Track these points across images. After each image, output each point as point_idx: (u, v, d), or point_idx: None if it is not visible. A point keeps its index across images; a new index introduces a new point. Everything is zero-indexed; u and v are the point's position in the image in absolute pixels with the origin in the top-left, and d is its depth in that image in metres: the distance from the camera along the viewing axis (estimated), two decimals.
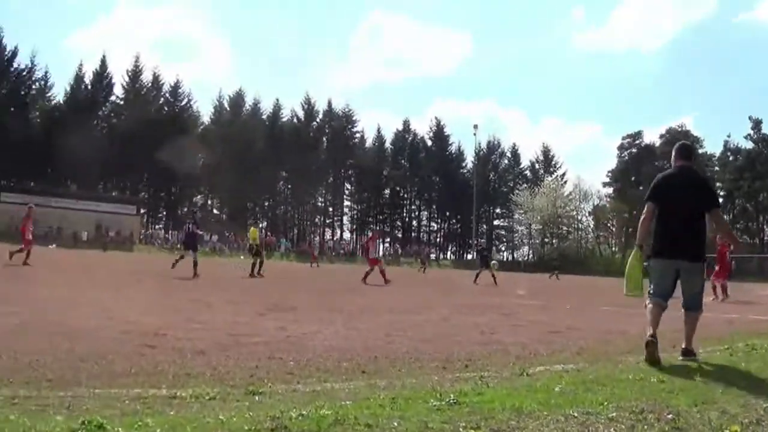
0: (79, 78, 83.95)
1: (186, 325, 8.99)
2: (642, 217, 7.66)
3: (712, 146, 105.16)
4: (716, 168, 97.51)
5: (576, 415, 4.34)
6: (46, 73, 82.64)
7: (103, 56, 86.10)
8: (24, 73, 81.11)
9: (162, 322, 8.96)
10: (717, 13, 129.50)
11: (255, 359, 6.43)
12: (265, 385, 5.18)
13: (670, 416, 4.40)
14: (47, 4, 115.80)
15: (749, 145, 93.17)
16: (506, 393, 4.97)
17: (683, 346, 7.27)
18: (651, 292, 7.41)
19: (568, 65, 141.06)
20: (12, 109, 77.68)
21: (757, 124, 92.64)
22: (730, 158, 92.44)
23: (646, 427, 4.15)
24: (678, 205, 7.31)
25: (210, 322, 9.49)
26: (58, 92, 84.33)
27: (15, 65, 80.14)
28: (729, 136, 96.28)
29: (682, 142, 8.19)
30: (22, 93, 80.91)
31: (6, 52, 78.96)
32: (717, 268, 22.23)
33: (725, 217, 7.33)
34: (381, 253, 69.62)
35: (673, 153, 7.78)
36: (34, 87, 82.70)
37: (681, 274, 7.28)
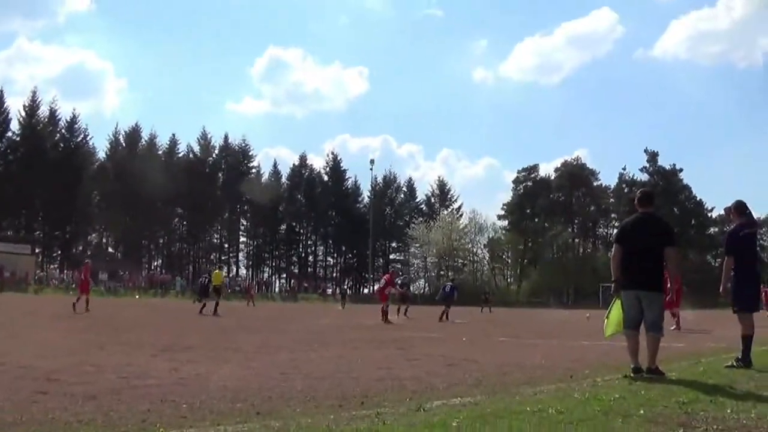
0: None
1: (79, 368, 8.84)
2: (612, 256, 8.85)
3: (608, 179, 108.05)
4: (611, 200, 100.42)
5: None
6: None
7: (0, 90, 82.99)
8: None
9: (55, 366, 8.86)
10: (614, 50, 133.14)
11: (147, 402, 6.32)
12: (157, 431, 5.09)
13: None
14: None
15: (644, 177, 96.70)
16: (403, 430, 4.94)
17: (648, 366, 8.13)
18: (625, 324, 8.48)
19: (466, 99, 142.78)
20: None
21: (653, 156, 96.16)
22: (626, 190, 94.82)
23: None
24: (638, 245, 8.44)
25: (103, 364, 9.29)
26: None
27: None
28: (624, 169, 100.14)
29: (642, 190, 9.40)
30: None
31: None
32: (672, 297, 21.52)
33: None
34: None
35: (636, 200, 8.94)
36: None
37: (642, 302, 8.32)
